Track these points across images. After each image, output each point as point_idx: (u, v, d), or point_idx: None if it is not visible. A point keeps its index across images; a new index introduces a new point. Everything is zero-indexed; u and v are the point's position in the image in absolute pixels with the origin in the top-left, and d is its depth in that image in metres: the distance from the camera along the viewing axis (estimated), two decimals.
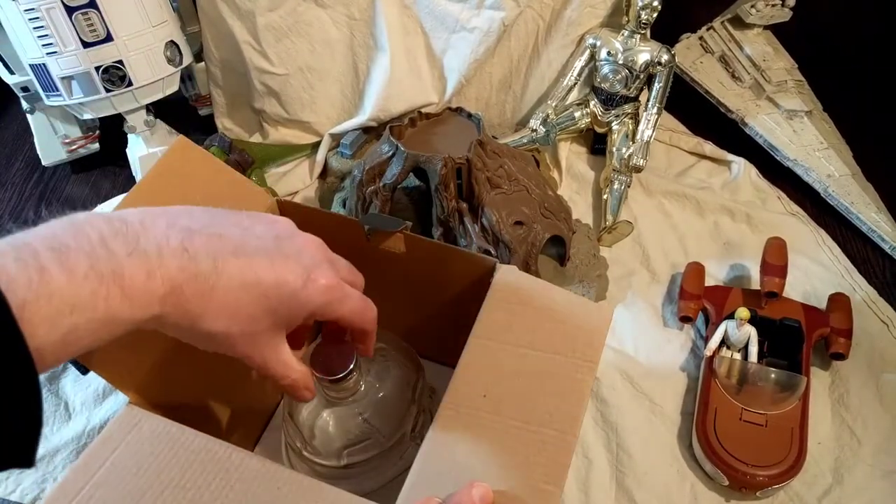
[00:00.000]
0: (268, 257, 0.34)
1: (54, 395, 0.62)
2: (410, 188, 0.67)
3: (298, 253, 0.35)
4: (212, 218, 0.34)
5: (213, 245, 0.32)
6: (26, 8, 0.65)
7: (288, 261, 0.34)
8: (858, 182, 0.79)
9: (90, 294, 0.28)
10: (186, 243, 0.31)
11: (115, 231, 0.30)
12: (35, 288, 0.26)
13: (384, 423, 0.48)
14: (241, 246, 0.33)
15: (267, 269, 0.33)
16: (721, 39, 0.93)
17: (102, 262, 0.28)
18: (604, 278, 0.70)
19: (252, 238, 0.34)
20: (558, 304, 0.42)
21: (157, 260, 0.30)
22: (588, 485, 0.56)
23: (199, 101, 0.88)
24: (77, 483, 0.36)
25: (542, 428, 0.37)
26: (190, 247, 0.31)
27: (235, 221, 0.35)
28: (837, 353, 0.61)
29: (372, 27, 0.80)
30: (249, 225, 0.35)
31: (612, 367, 0.63)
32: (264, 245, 0.34)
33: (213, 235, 0.33)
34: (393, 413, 0.48)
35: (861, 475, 0.56)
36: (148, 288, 0.30)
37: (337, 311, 0.36)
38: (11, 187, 0.87)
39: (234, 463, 0.36)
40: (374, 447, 0.48)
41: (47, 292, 0.26)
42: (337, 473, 0.48)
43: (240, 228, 0.35)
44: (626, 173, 0.78)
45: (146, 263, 0.30)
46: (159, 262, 0.30)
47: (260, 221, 0.36)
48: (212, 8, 0.76)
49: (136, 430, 0.37)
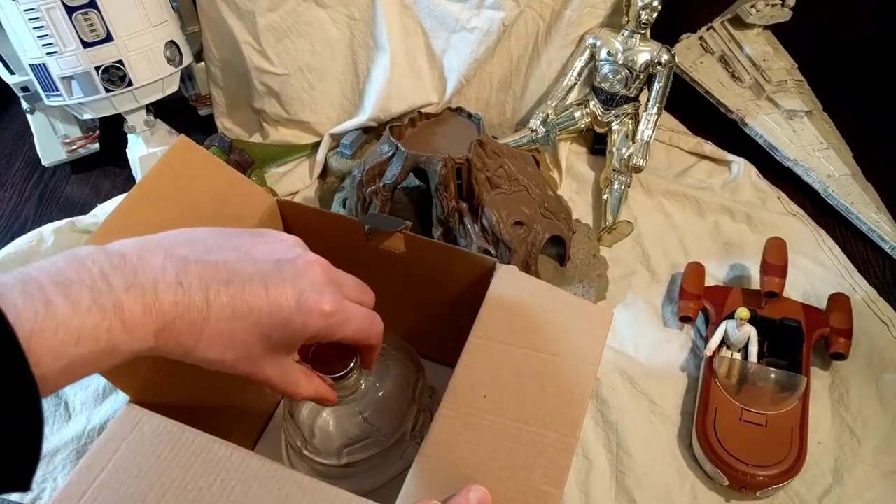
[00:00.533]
0: (263, 283, 0.34)
1: (54, 395, 0.62)
2: (410, 188, 0.67)
3: (297, 277, 0.35)
4: (212, 242, 0.34)
5: (208, 274, 0.33)
6: (26, 8, 0.65)
7: (285, 286, 0.34)
8: (858, 182, 0.79)
9: (94, 326, 0.28)
10: (181, 276, 0.32)
11: (114, 266, 0.30)
12: (41, 320, 0.27)
13: (384, 422, 0.48)
14: (237, 273, 0.33)
15: (261, 296, 0.33)
16: (721, 39, 0.93)
17: (104, 295, 0.29)
18: (604, 278, 0.70)
19: (249, 263, 0.34)
20: (558, 305, 0.42)
21: (153, 295, 0.31)
22: (588, 485, 0.56)
23: (199, 101, 0.88)
24: (81, 486, 0.36)
25: (542, 430, 0.37)
26: (185, 280, 0.32)
27: (236, 245, 0.35)
28: (837, 353, 0.61)
29: (372, 27, 0.80)
30: (250, 247, 0.35)
31: (612, 367, 0.63)
32: (261, 270, 0.34)
33: (208, 264, 0.33)
34: (393, 412, 0.48)
35: (861, 475, 0.56)
36: (145, 322, 0.30)
37: (338, 333, 0.36)
38: (11, 187, 0.87)
39: (235, 463, 0.36)
40: (374, 446, 0.48)
41: (53, 324, 0.27)
42: (337, 472, 0.48)
43: (238, 252, 0.34)
44: (626, 173, 0.78)
45: (143, 297, 0.30)
46: (154, 296, 0.31)
47: (263, 242, 0.36)
48: (212, 8, 0.76)
49: (137, 429, 0.37)
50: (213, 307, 0.32)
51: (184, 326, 0.32)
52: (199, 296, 0.32)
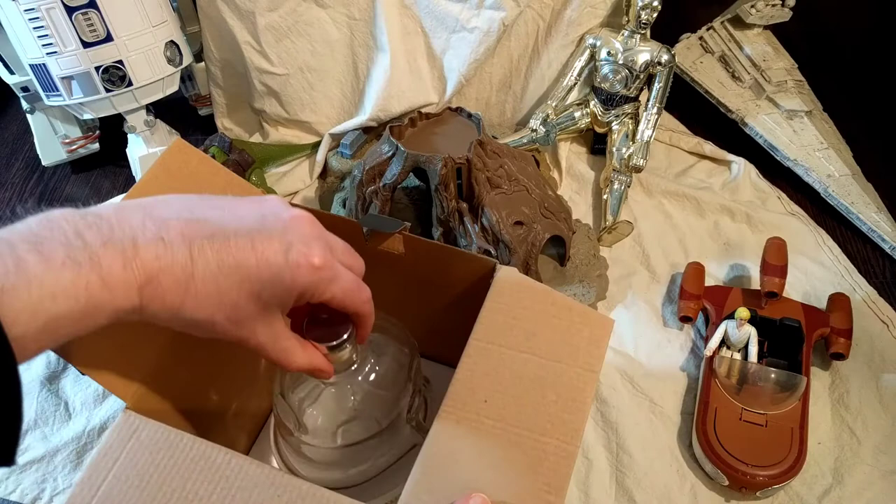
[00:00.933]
0: (248, 238, 0.32)
1: (54, 395, 0.63)
2: (410, 188, 0.67)
3: (285, 230, 0.33)
4: (192, 204, 0.33)
5: (190, 230, 0.31)
6: (26, 8, 0.65)
7: (272, 240, 0.32)
8: (858, 182, 0.79)
9: (70, 282, 0.27)
10: (162, 232, 0.31)
11: (89, 224, 0.29)
12: (12, 278, 0.26)
13: (379, 401, 0.47)
14: (220, 228, 0.32)
15: (247, 251, 0.32)
16: (721, 39, 0.93)
17: (79, 251, 0.28)
18: (604, 278, 0.70)
19: (233, 220, 0.33)
20: (559, 309, 0.42)
21: (133, 250, 0.29)
22: (588, 485, 0.56)
23: (199, 101, 0.88)
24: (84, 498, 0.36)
25: (543, 437, 0.36)
26: (166, 235, 0.31)
27: (217, 205, 0.34)
28: (837, 353, 0.61)
29: (372, 27, 0.80)
30: (233, 207, 0.34)
31: (612, 367, 0.63)
32: (246, 225, 0.33)
33: (190, 221, 0.32)
34: (389, 390, 0.47)
35: (861, 475, 0.56)
36: (126, 278, 0.29)
37: (327, 291, 0.34)
38: (11, 187, 0.87)
39: (234, 470, 0.36)
40: (369, 427, 0.46)
41: (25, 280, 0.26)
42: (330, 456, 0.47)
43: (222, 211, 0.33)
44: (626, 173, 0.78)
45: (122, 253, 0.29)
46: (134, 251, 0.29)
47: (244, 202, 0.35)
48: (212, 8, 0.76)
49: (136, 438, 0.37)
50: (198, 262, 0.31)
51: (168, 283, 0.30)
52: (182, 251, 0.31)
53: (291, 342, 0.37)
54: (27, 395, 0.62)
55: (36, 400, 0.62)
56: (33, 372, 0.64)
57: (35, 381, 0.63)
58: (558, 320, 0.41)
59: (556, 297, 0.42)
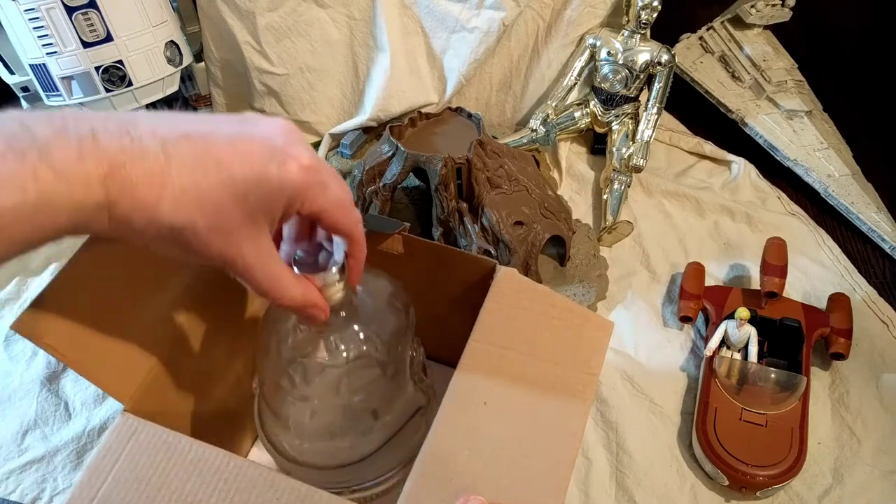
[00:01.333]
0: (227, 139, 0.29)
1: (54, 395, 0.62)
2: (410, 188, 0.67)
3: (266, 134, 0.30)
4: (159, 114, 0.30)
5: (163, 128, 0.28)
6: (26, 8, 0.65)
7: (253, 140, 0.29)
8: (858, 182, 0.79)
9: (12, 172, 0.24)
10: (129, 127, 0.27)
11: (38, 118, 0.26)
12: None
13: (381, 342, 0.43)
14: (196, 128, 0.29)
15: (227, 150, 0.29)
16: (721, 39, 0.93)
17: (22, 141, 0.25)
18: (604, 278, 0.70)
19: (207, 123, 0.30)
20: (559, 311, 0.42)
21: (91, 140, 0.26)
22: (588, 485, 0.56)
23: (199, 101, 0.88)
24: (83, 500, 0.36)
25: (542, 439, 0.36)
26: (133, 130, 0.27)
27: (188, 117, 0.30)
28: (837, 353, 0.61)
29: (372, 27, 0.80)
30: (206, 118, 0.31)
31: (612, 367, 0.63)
32: (224, 129, 0.29)
33: (160, 122, 0.28)
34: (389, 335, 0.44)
35: (861, 475, 0.56)
36: (84, 168, 0.26)
37: (318, 199, 0.31)
38: None
39: (233, 472, 0.36)
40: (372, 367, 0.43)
41: None
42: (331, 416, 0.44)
43: (193, 118, 0.30)
44: (626, 173, 0.78)
45: (77, 142, 0.26)
46: (94, 143, 0.26)
47: (220, 116, 0.31)
48: (212, 8, 0.76)
49: (134, 440, 0.37)
50: (173, 157, 0.27)
51: (138, 176, 0.27)
52: (153, 145, 0.27)
53: (284, 269, 0.33)
54: (27, 395, 0.62)
55: (36, 400, 0.62)
56: (33, 372, 0.64)
57: (35, 381, 0.63)
58: (558, 322, 0.41)
59: (556, 299, 0.42)
